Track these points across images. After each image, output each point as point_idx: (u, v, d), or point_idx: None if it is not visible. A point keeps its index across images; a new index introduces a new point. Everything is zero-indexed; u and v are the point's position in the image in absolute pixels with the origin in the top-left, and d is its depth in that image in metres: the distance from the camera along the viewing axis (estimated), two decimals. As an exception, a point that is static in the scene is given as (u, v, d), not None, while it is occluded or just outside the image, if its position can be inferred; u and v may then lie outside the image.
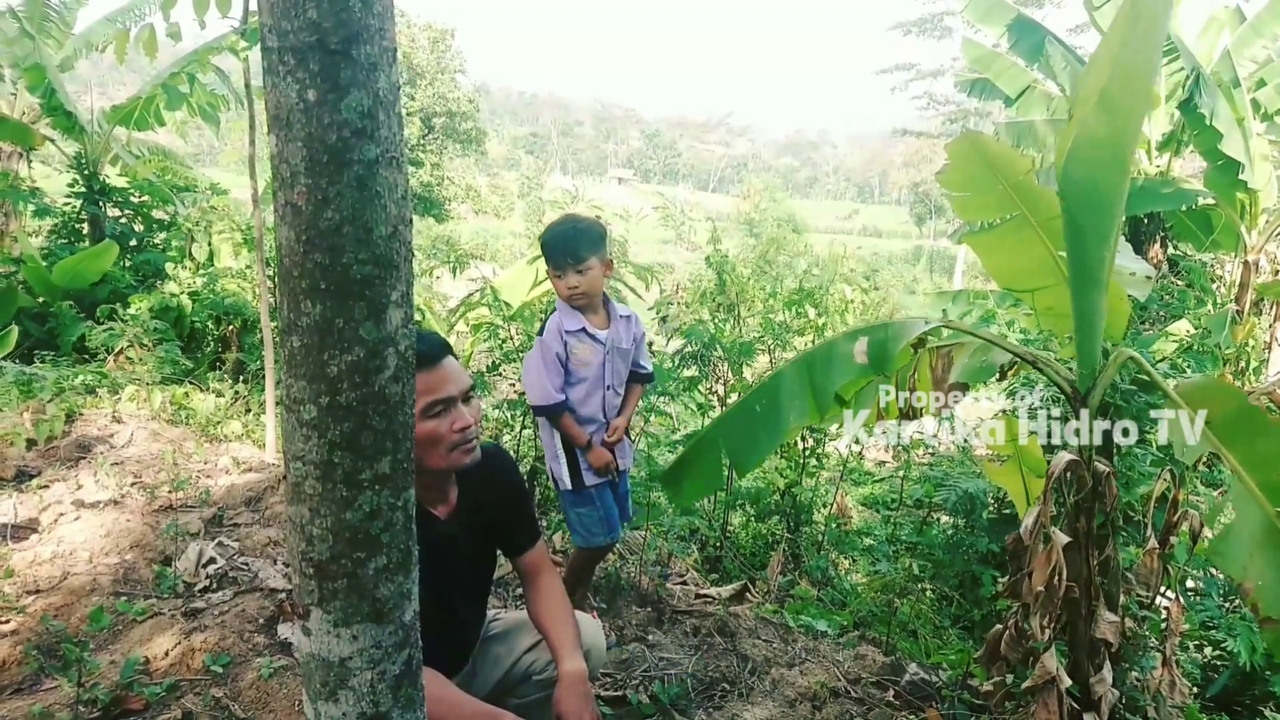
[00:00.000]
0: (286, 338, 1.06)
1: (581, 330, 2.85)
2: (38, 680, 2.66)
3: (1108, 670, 2.10)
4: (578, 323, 2.85)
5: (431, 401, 1.79)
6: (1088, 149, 1.75)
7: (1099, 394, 1.90)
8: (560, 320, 2.85)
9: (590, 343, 2.86)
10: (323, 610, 1.13)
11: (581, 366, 2.88)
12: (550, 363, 2.83)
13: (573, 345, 2.84)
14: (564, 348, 2.84)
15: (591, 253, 2.77)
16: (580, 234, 2.78)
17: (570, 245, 2.76)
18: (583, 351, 2.86)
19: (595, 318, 2.89)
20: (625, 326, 2.98)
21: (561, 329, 2.83)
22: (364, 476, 1.10)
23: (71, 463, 4.41)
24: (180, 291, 7.14)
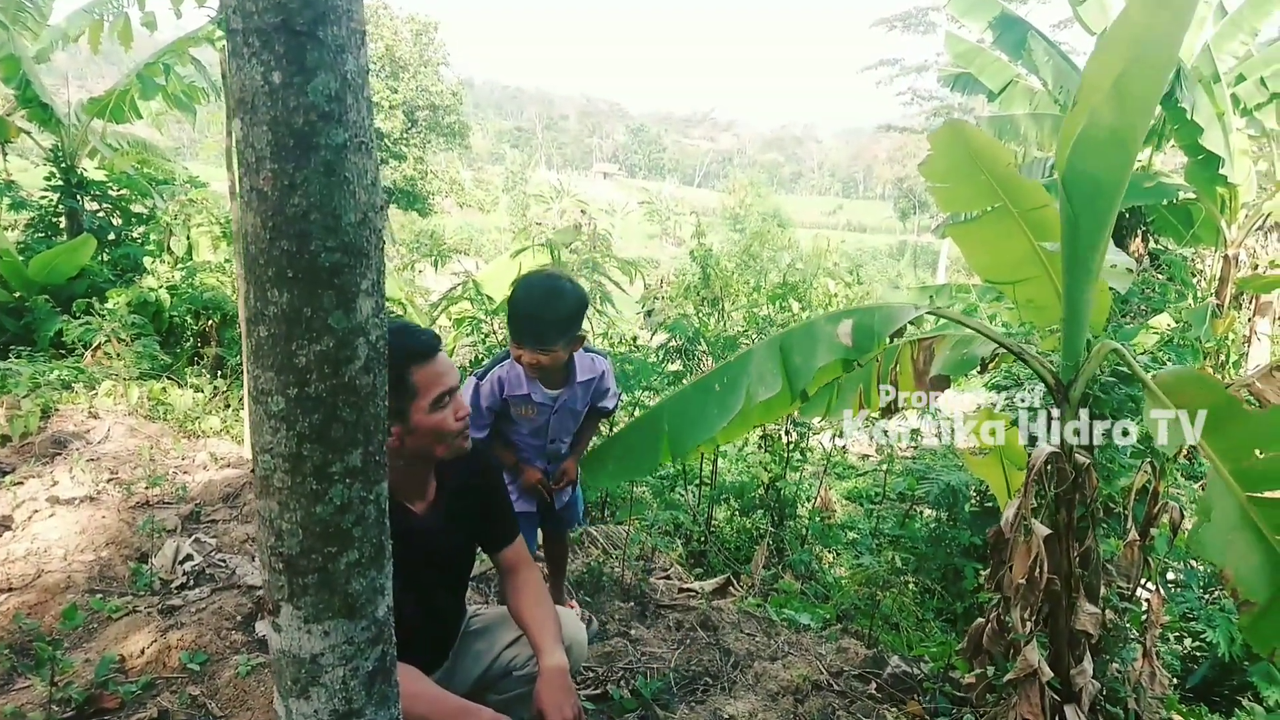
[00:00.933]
0: (253, 327, 1.03)
1: (526, 396, 2.59)
2: (10, 679, 2.62)
3: (1088, 662, 2.10)
4: (522, 388, 2.58)
5: (441, 393, 1.82)
6: (1095, 138, 1.73)
7: (1081, 385, 1.90)
8: (505, 378, 2.58)
9: (535, 406, 2.62)
10: (293, 606, 1.10)
11: (522, 419, 2.67)
12: (479, 408, 2.58)
13: (513, 404, 2.62)
14: (501, 404, 2.61)
15: (561, 339, 2.45)
16: (552, 321, 2.43)
17: (538, 329, 2.43)
18: (525, 412, 2.64)
19: (550, 378, 2.61)
20: (583, 390, 2.68)
21: (504, 390, 2.59)
22: (334, 469, 1.08)
23: (47, 459, 4.34)
24: (159, 286, 7.05)
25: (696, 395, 2.32)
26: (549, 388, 2.60)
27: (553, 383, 2.61)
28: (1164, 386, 1.83)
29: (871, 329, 1.97)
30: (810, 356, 2.03)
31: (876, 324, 1.98)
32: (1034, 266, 2.17)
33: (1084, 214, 1.80)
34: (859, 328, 1.97)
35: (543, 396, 2.60)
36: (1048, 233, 2.14)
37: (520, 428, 2.69)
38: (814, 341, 2.05)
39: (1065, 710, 2.04)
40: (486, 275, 6.21)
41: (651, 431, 2.39)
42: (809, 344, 2.06)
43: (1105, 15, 8.75)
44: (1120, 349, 1.81)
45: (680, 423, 2.30)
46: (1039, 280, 2.20)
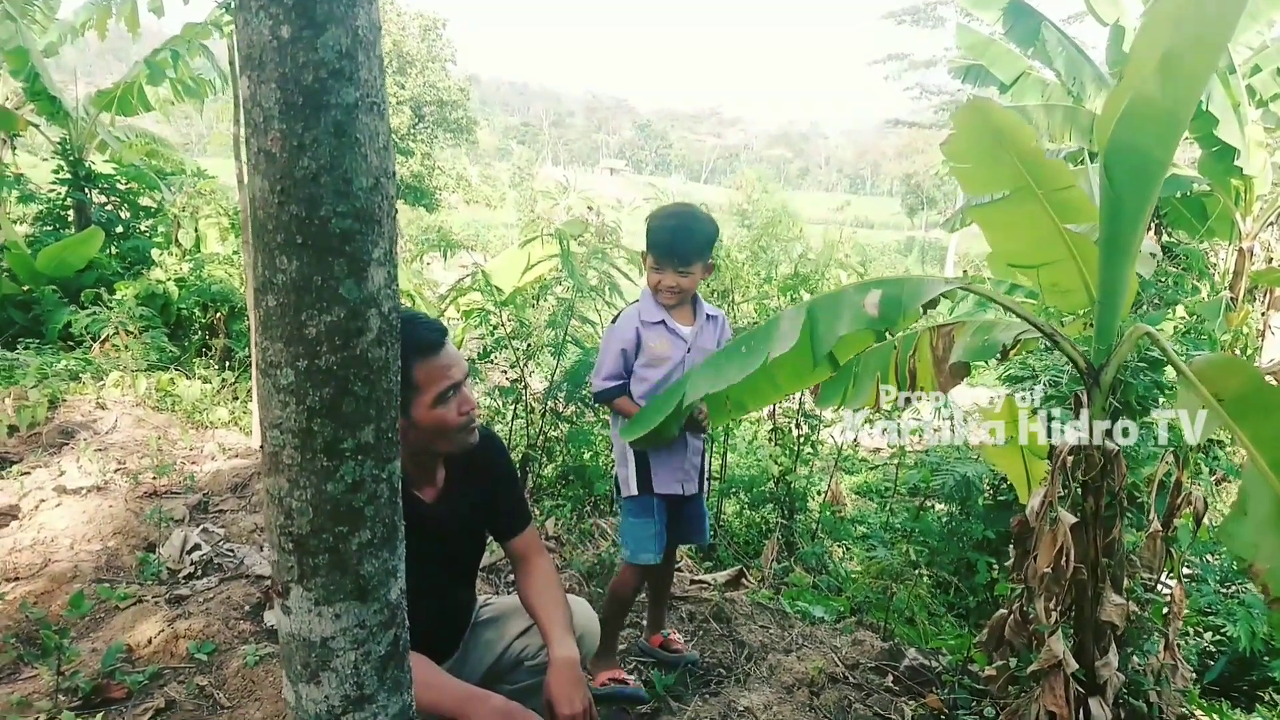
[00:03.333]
0: (261, 296, 0.99)
1: (661, 323, 2.57)
2: (16, 669, 2.60)
3: (1113, 654, 2.05)
4: (658, 314, 2.57)
5: (444, 389, 1.76)
6: (1141, 114, 1.67)
7: (1112, 370, 1.84)
8: (639, 310, 2.59)
9: (669, 336, 2.57)
10: (303, 588, 1.06)
11: (656, 362, 2.58)
12: (613, 351, 2.57)
13: (647, 338, 2.56)
14: (636, 339, 2.56)
15: (699, 259, 2.53)
16: (693, 236, 2.50)
17: (680, 248, 2.49)
18: (659, 345, 2.56)
19: (680, 313, 2.61)
20: (712, 327, 2.68)
21: (639, 318, 2.57)
22: (345, 446, 1.04)
23: (54, 449, 4.32)
24: (167, 278, 7.03)
25: (721, 358, 2.25)
26: (680, 323, 2.60)
27: (683, 318, 2.61)
28: (1197, 372, 1.78)
29: (899, 300, 1.89)
30: (835, 322, 1.96)
31: (905, 295, 1.90)
32: (1059, 249, 2.11)
33: (1126, 192, 1.75)
34: (887, 299, 1.89)
35: (676, 327, 2.58)
36: (1073, 214, 2.08)
37: (654, 376, 2.59)
38: (840, 309, 1.96)
39: (1090, 702, 1.99)
40: (495, 267, 6.17)
41: (674, 397, 2.32)
42: (835, 311, 1.98)
43: (1118, 6, 8.65)
44: (1153, 333, 1.75)
45: (700, 384, 2.22)
46: (1064, 264, 2.15)
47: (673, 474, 2.63)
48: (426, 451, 1.88)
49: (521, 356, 5.08)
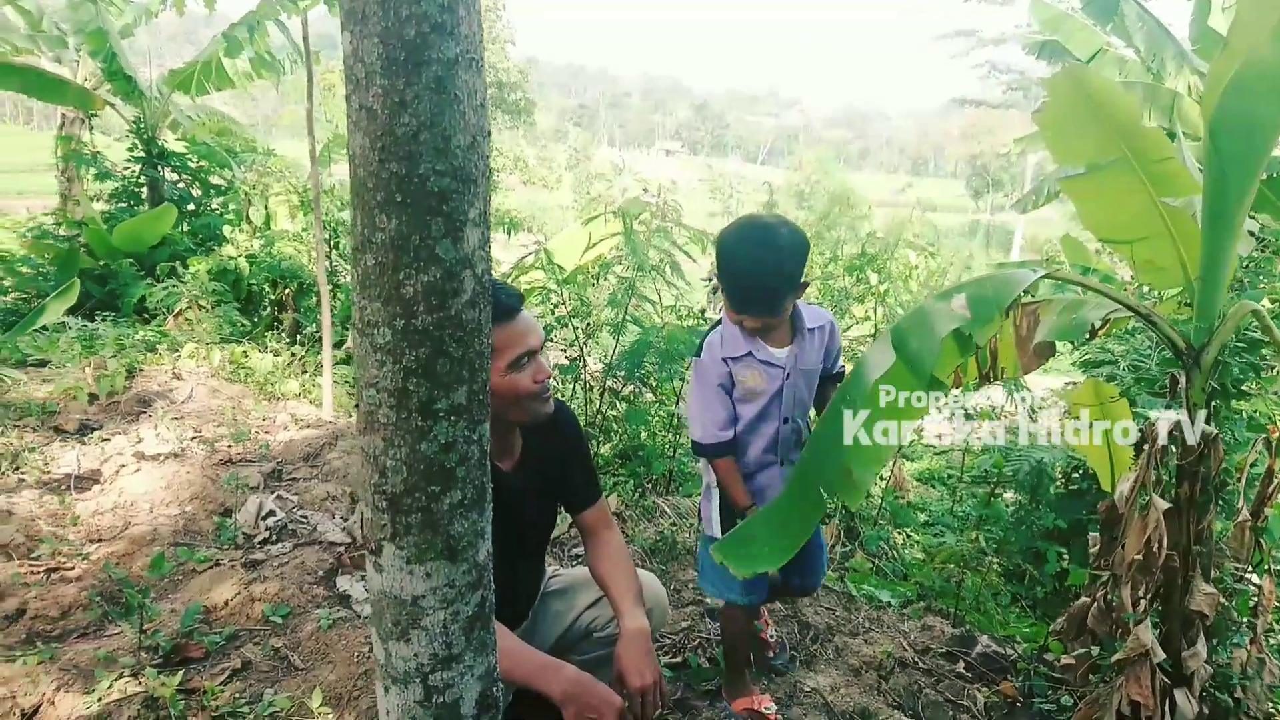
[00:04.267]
0: (360, 255, 0.99)
1: (748, 355, 2.13)
2: (102, 626, 2.70)
3: (1201, 644, 1.97)
4: (742, 346, 2.13)
5: (518, 355, 1.75)
6: (1253, 79, 1.57)
7: (1214, 350, 1.76)
8: (720, 340, 2.16)
9: (761, 368, 2.14)
10: (395, 546, 1.07)
11: (749, 397, 2.17)
12: (711, 392, 2.15)
13: (737, 372, 2.14)
14: (728, 374, 2.15)
15: (789, 297, 2.08)
16: (778, 280, 2.03)
17: (764, 296, 2.05)
18: (751, 379, 2.15)
19: (771, 336, 2.15)
20: (815, 341, 2.22)
21: (720, 354, 2.15)
22: (439, 406, 1.04)
23: (132, 417, 4.48)
24: (238, 254, 7.22)
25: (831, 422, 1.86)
26: (774, 346, 2.15)
27: (777, 339, 2.16)
28: None
29: (987, 299, 1.78)
30: (927, 337, 1.75)
31: (992, 293, 1.81)
32: (1155, 224, 2.02)
33: (1233, 163, 1.66)
34: (974, 300, 1.75)
35: (768, 355, 2.13)
36: (1171, 187, 1.98)
37: (744, 411, 2.18)
38: (927, 321, 1.80)
39: (1175, 694, 1.92)
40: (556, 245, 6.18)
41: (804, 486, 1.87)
42: (921, 326, 1.80)
43: (1201, -23, 8.26)
44: (1260, 310, 1.66)
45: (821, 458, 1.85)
46: (1159, 239, 2.05)
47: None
48: (502, 420, 1.88)
49: (581, 335, 5.10)
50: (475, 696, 1.17)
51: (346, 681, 2.34)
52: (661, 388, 5.23)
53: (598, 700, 1.67)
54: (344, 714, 2.21)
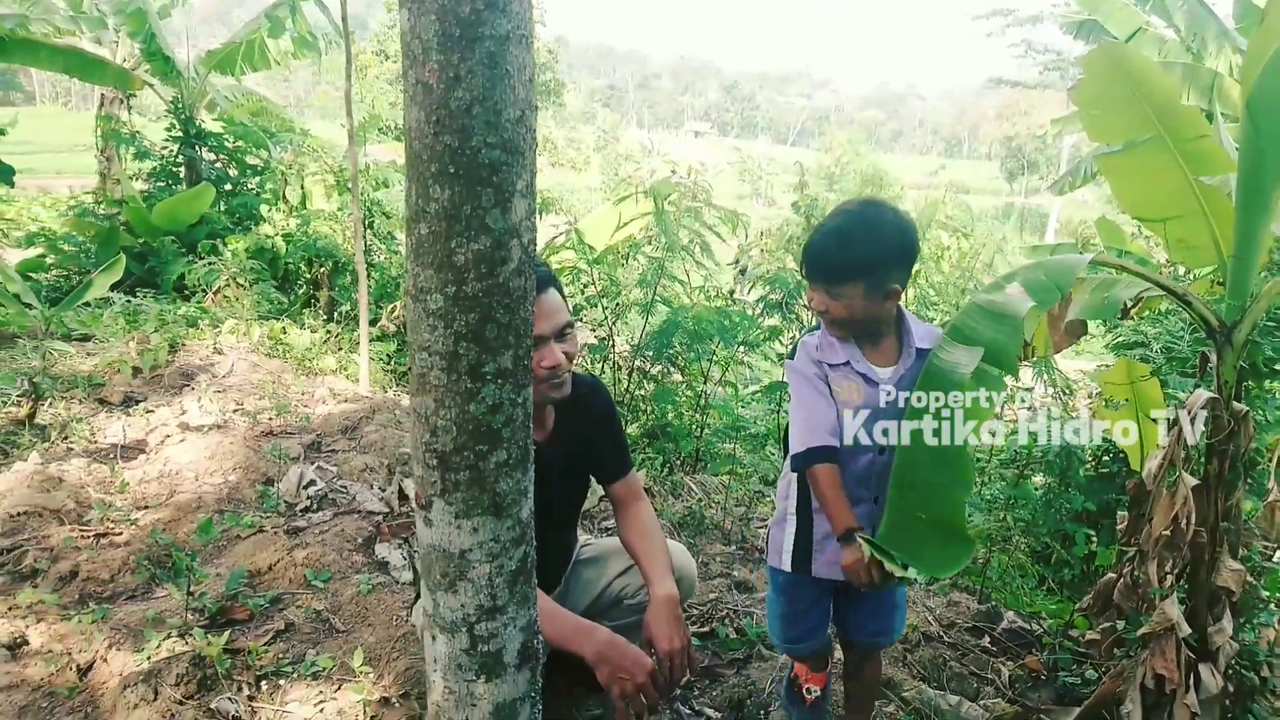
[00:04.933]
0: (414, 225, 1.04)
1: (845, 365, 1.83)
2: (149, 589, 2.80)
3: (1227, 620, 1.99)
4: (839, 354, 1.83)
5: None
6: None
7: (1246, 329, 1.76)
8: (816, 343, 1.87)
9: (859, 381, 1.82)
10: (444, 501, 1.13)
11: (843, 408, 1.84)
12: (810, 391, 1.84)
13: (834, 379, 1.84)
14: (824, 375, 1.85)
15: (855, 281, 1.74)
16: (843, 249, 1.75)
17: (819, 260, 1.80)
18: (846, 391, 1.83)
19: (876, 350, 1.85)
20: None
21: (814, 355, 1.86)
22: (487, 370, 1.09)
23: (175, 389, 4.61)
24: (275, 234, 7.36)
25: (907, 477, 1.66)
26: (876, 362, 1.84)
27: (881, 355, 1.85)
28: None
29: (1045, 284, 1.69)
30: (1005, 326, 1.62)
31: (1048, 278, 1.71)
32: (1189, 203, 2.02)
33: (1270, 140, 1.65)
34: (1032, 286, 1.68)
35: (868, 369, 1.82)
36: (1207, 165, 1.98)
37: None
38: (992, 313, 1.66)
39: (1200, 668, 1.94)
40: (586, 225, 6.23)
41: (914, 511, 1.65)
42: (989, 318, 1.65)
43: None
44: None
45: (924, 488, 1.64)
46: (1193, 218, 2.05)
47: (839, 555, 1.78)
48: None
49: (610, 315, 5.14)
50: (518, 647, 1.23)
51: (385, 643, 2.42)
52: (689, 368, 5.26)
53: (629, 661, 1.73)
54: (383, 674, 2.29)
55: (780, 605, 2.04)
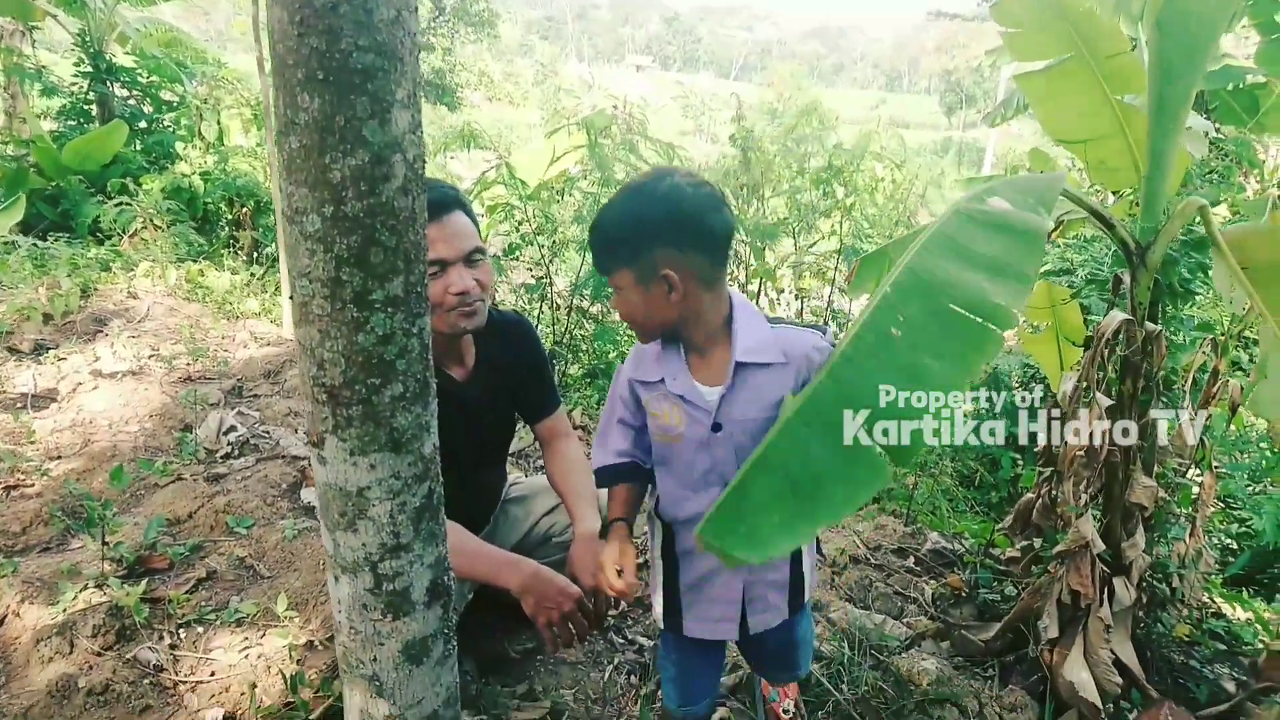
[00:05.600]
0: (284, 139, 0.96)
1: (659, 384, 1.51)
2: (65, 540, 2.70)
3: (1140, 536, 2.06)
4: (653, 369, 1.53)
5: (431, 260, 1.67)
6: None
7: (1160, 248, 1.78)
8: (634, 355, 1.60)
9: (679, 406, 1.49)
10: (338, 438, 1.07)
11: (666, 438, 1.53)
12: (609, 415, 1.65)
13: (650, 402, 1.54)
14: (634, 398, 1.59)
15: (616, 264, 1.42)
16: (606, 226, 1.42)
17: (591, 242, 1.47)
18: (665, 415, 1.52)
19: (702, 357, 1.49)
20: (764, 381, 1.45)
21: (629, 373, 1.59)
22: (375, 297, 1.02)
23: (88, 336, 4.40)
24: (192, 172, 7.00)
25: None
26: (703, 380, 1.48)
27: (706, 368, 1.48)
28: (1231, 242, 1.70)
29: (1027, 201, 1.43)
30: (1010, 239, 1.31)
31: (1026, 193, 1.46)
32: (1109, 123, 2.01)
33: (1177, 55, 1.64)
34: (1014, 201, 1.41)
35: (689, 389, 1.48)
36: (1126, 84, 1.98)
37: (664, 454, 1.56)
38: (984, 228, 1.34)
39: (1114, 582, 2.01)
40: (520, 160, 6.06)
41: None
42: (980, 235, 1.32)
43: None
44: (1205, 206, 1.68)
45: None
46: (1113, 139, 2.05)
47: (712, 608, 1.60)
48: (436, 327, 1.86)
49: (547, 253, 5.04)
50: (426, 584, 1.19)
51: (312, 588, 2.37)
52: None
53: (555, 591, 1.72)
54: (310, 618, 2.24)
55: (671, 666, 1.74)
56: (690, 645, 1.67)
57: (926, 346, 1.17)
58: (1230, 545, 3.75)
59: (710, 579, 1.58)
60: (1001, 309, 1.19)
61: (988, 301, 1.21)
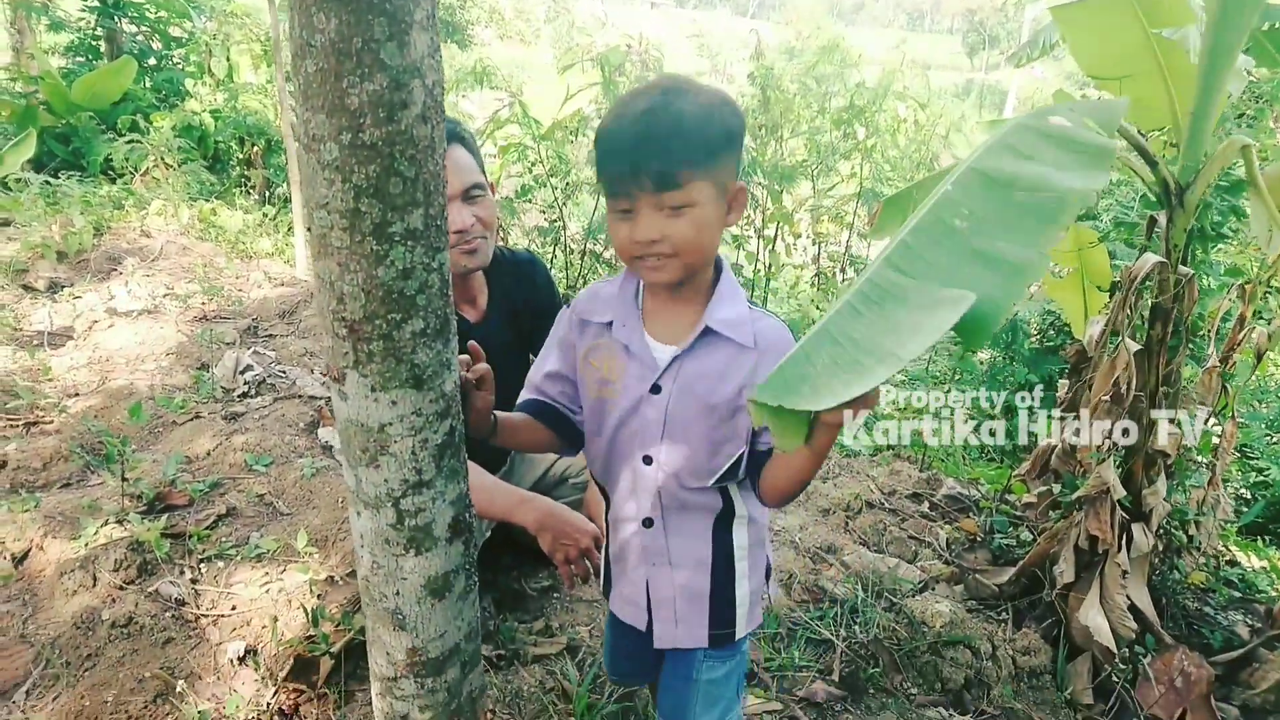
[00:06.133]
0: (300, 62, 0.92)
1: (606, 326, 1.29)
2: (84, 476, 2.73)
3: (1162, 483, 2.04)
4: (603, 309, 1.30)
5: None
6: None
7: (1200, 189, 1.72)
8: (591, 292, 1.35)
9: (620, 354, 1.28)
10: (359, 374, 1.06)
11: (596, 391, 1.31)
12: (542, 358, 1.43)
13: (585, 348, 1.32)
14: (570, 342, 1.35)
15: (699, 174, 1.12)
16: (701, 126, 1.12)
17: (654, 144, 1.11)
18: (603, 364, 1.29)
19: (661, 309, 1.27)
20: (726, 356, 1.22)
21: (577, 311, 1.34)
22: (394, 230, 0.99)
23: (103, 274, 4.40)
24: (202, 110, 6.92)
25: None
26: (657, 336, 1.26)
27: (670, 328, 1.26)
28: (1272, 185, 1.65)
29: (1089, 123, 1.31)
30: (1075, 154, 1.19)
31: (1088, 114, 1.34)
32: (1146, 59, 1.94)
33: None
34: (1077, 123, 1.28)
35: (637, 341, 1.26)
36: (1166, 17, 1.90)
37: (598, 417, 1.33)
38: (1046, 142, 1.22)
39: (1133, 528, 2.01)
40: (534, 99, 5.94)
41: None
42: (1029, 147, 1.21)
43: None
44: (1250, 147, 1.61)
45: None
46: (1150, 76, 1.97)
47: (628, 589, 1.39)
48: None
49: (560, 196, 4.97)
50: (448, 520, 1.19)
51: (331, 525, 2.40)
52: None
53: (571, 528, 1.73)
54: (329, 554, 2.27)
55: (608, 633, 1.56)
56: (617, 621, 1.45)
57: (996, 232, 1.09)
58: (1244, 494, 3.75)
59: (623, 557, 1.36)
60: (1074, 190, 1.10)
61: (1058, 185, 1.11)
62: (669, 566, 1.31)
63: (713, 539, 1.30)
